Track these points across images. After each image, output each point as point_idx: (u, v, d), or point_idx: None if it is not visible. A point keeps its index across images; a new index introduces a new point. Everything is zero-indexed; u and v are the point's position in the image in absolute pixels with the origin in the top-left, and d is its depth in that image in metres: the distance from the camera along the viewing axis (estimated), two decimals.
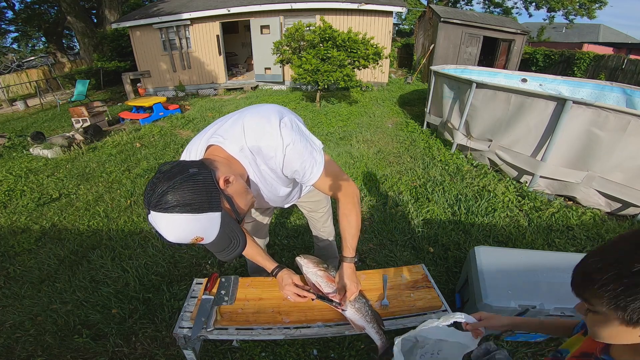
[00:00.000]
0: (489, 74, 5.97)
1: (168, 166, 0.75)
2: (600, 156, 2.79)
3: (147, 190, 0.72)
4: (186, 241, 0.75)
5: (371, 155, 4.24)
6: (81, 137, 5.03)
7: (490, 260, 1.71)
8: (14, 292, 2.07)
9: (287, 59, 6.61)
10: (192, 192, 0.72)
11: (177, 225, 0.71)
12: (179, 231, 0.72)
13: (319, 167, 0.97)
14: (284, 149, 0.88)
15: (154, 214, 0.70)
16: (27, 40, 21.29)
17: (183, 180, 0.71)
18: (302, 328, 1.18)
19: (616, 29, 21.15)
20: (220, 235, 0.77)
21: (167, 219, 0.70)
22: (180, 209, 0.70)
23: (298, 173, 0.96)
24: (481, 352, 0.95)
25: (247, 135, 0.88)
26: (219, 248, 0.81)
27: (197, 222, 0.72)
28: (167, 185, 0.70)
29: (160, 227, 0.71)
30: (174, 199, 0.70)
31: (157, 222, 0.71)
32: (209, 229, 0.75)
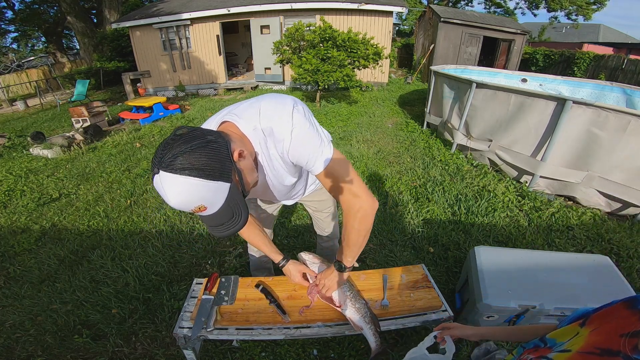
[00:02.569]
0: (489, 74, 5.97)
1: (185, 130, 0.73)
2: (600, 156, 2.79)
3: (159, 150, 0.70)
4: (188, 208, 0.72)
5: (371, 155, 4.24)
6: (81, 137, 5.03)
7: (490, 260, 1.71)
8: (14, 292, 2.07)
9: (287, 59, 6.61)
10: (207, 157, 0.70)
11: (185, 189, 0.69)
12: (185, 195, 0.69)
13: (324, 158, 0.93)
14: (291, 134, 0.88)
15: (163, 174, 0.68)
16: (26, 40, 21.28)
17: (200, 145, 0.70)
18: (302, 328, 1.18)
19: (616, 29, 21.15)
20: (224, 207, 0.76)
21: (175, 181, 0.68)
22: (192, 172, 0.68)
23: (303, 159, 0.93)
24: (481, 352, 0.95)
25: (262, 116, 0.88)
26: (219, 221, 0.79)
27: (206, 189, 0.71)
28: (184, 147, 0.68)
29: (166, 189, 0.68)
30: (187, 162, 0.68)
31: (165, 183, 0.68)
32: (215, 199, 0.74)
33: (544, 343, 0.71)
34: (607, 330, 0.58)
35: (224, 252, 2.40)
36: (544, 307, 1.47)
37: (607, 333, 0.57)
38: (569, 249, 2.45)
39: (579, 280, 1.58)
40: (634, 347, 0.53)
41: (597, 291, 1.53)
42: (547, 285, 1.56)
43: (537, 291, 1.53)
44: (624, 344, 0.54)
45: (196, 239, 2.57)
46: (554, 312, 1.49)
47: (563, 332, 0.68)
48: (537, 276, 1.61)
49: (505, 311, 1.51)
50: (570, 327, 0.67)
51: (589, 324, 0.62)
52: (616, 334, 0.55)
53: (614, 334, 0.56)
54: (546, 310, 1.48)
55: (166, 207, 3.00)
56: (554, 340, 0.69)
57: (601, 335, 0.59)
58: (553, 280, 1.58)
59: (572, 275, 1.61)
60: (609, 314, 0.60)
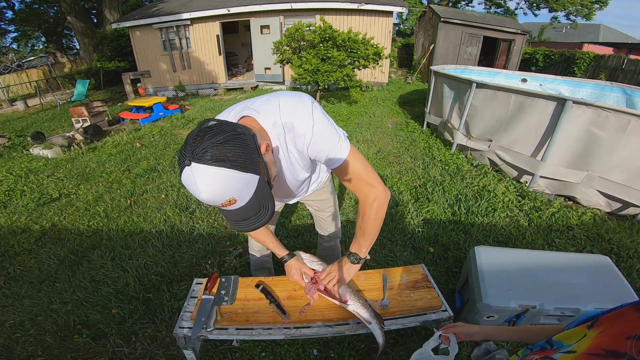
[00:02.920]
0: (489, 74, 5.97)
1: (213, 122, 0.73)
2: (600, 156, 2.79)
3: (189, 142, 0.69)
4: (219, 201, 0.71)
5: (371, 155, 4.24)
6: (81, 137, 5.03)
7: (490, 260, 1.71)
8: (14, 292, 2.07)
9: (287, 59, 6.61)
10: (239, 149, 0.70)
11: (219, 180, 0.68)
12: (217, 187, 0.68)
13: (343, 152, 0.97)
14: (313, 128, 0.90)
15: (195, 166, 0.67)
16: (26, 40, 21.27)
17: (231, 137, 0.70)
18: (302, 328, 1.18)
19: (616, 29, 21.15)
20: (252, 200, 0.75)
21: (208, 173, 0.67)
22: (225, 163, 0.67)
23: (323, 154, 0.96)
24: (481, 352, 0.95)
25: (282, 111, 0.89)
26: (246, 215, 0.78)
27: (238, 181, 0.70)
28: (215, 140, 0.68)
29: (197, 182, 0.67)
30: (220, 153, 0.67)
31: (197, 175, 0.67)
32: (245, 191, 0.73)
33: (550, 345, 0.71)
34: (615, 332, 0.58)
35: (224, 252, 2.40)
36: (544, 307, 1.47)
37: (614, 335, 0.57)
38: (569, 249, 2.45)
39: (579, 280, 1.58)
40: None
41: (597, 291, 1.53)
42: (547, 285, 1.56)
43: (537, 291, 1.53)
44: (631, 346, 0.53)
45: (196, 239, 2.57)
46: (554, 312, 1.49)
47: (570, 334, 0.68)
48: (537, 276, 1.61)
49: (505, 311, 1.51)
50: (578, 329, 0.66)
51: (597, 326, 0.62)
52: (623, 336, 0.55)
53: (621, 336, 0.55)
54: (546, 310, 1.48)
55: (166, 207, 3.00)
56: (560, 343, 0.68)
57: (608, 337, 0.59)
58: (553, 280, 1.58)
59: (572, 275, 1.61)
60: (618, 316, 0.59)
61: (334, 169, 1.02)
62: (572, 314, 1.49)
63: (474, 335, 0.90)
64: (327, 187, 1.49)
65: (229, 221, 0.83)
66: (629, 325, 0.56)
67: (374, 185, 1.03)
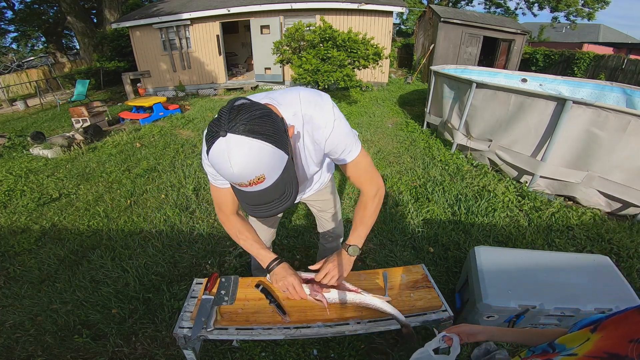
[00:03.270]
0: (489, 74, 5.98)
1: (244, 100, 0.73)
2: (600, 156, 2.79)
3: (224, 116, 0.68)
4: (249, 177, 0.69)
5: (371, 155, 4.23)
6: (81, 137, 5.03)
7: (490, 260, 1.71)
8: (14, 292, 2.07)
9: (287, 59, 6.61)
10: (273, 126, 0.71)
11: (253, 153, 0.67)
12: (251, 160, 0.67)
13: (357, 148, 1.04)
14: (334, 123, 0.93)
15: (231, 136, 0.66)
16: (26, 40, 21.27)
17: (265, 114, 0.71)
18: (302, 328, 1.18)
19: (616, 29, 21.15)
20: (279, 180, 0.74)
21: (244, 143, 0.66)
22: (262, 136, 0.67)
23: (339, 149, 0.99)
24: (481, 352, 0.94)
25: (303, 102, 0.91)
26: (269, 198, 0.76)
27: (271, 156, 0.69)
28: (250, 114, 0.68)
29: (232, 153, 0.66)
30: (257, 127, 0.67)
31: (231, 146, 0.66)
32: (275, 169, 0.72)
33: (552, 348, 0.71)
34: (617, 335, 0.58)
35: (224, 252, 2.40)
36: (544, 307, 1.47)
37: (617, 338, 0.57)
38: (569, 249, 2.45)
39: (579, 280, 1.58)
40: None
41: (597, 291, 1.53)
42: (547, 285, 1.56)
43: (537, 291, 1.53)
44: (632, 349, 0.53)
45: (196, 239, 2.57)
46: (554, 312, 1.49)
47: (573, 338, 0.67)
48: (537, 276, 1.61)
49: (505, 311, 1.51)
50: (581, 332, 0.66)
51: (601, 329, 0.62)
52: (626, 340, 0.55)
53: (624, 340, 0.55)
54: (546, 310, 1.48)
55: (166, 207, 3.00)
56: (563, 346, 0.68)
57: (610, 340, 0.59)
58: (553, 280, 1.58)
59: (572, 275, 1.61)
60: (622, 320, 0.59)
61: (343, 165, 1.06)
62: (572, 314, 1.49)
63: (477, 335, 0.90)
64: (329, 188, 1.50)
65: (248, 206, 0.81)
66: (633, 329, 0.55)
67: (377, 182, 1.12)
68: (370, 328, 1.19)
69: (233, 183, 0.74)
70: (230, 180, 0.72)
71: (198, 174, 3.73)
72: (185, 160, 4.17)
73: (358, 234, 1.17)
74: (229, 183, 0.81)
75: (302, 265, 2.25)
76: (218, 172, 0.73)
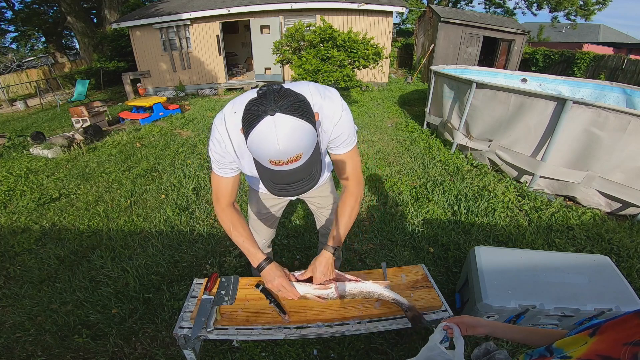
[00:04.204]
0: (489, 74, 5.97)
1: (279, 85, 0.78)
2: (600, 156, 2.79)
3: (269, 97, 0.73)
4: (292, 153, 0.74)
5: (371, 155, 4.24)
6: (81, 137, 5.03)
7: (490, 260, 1.71)
8: (14, 292, 2.07)
9: (287, 59, 6.61)
10: (309, 109, 0.77)
11: (299, 131, 0.73)
12: (296, 137, 0.73)
13: (355, 140, 1.10)
14: (342, 112, 0.99)
15: (280, 116, 0.71)
16: (26, 40, 21.25)
17: (303, 98, 0.77)
18: (302, 328, 1.18)
19: (616, 29, 21.14)
20: (309, 159, 0.80)
21: (292, 123, 0.72)
22: (305, 117, 0.74)
23: (342, 137, 1.04)
24: (481, 352, 0.94)
25: (313, 94, 0.96)
26: (299, 176, 0.82)
27: (310, 136, 0.76)
28: (294, 97, 0.74)
29: (279, 131, 0.71)
30: (300, 108, 0.73)
31: (280, 124, 0.71)
32: (309, 149, 0.78)
33: (550, 352, 0.70)
34: (613, 338, 0.57)
35: (224, 252, 2.40)
36: (544, 307, 1.47)
37: (612, 341, 0.57)
38: (569, 249, 2.45)
39: (579, 280, 1.58)
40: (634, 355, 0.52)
41: (597, 291, 1.53)
42: (547, 285, 1.56)
43: (537, 291, 1.53)
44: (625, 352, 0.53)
45: (196, 239, 2.57)
46: (554, 312, 1.49)
47: (571, 341, 0.67)
48: (537, 276, 1.61)
49: (505, 311, 1.51)
50: (580, 336, 0.66)
51: (599, 333, 0.61)
52: (620, 343, 0.55)
53: (619, 343, 0.55)
54: (546, 310, 1.48)
55: (166, 207, 3.00)
56: (560, 350, 0.68)
57: (605, 343, 0.59)
58: (553, 280, 1.58)
59: (572, 275, 1.61)
60: (620, 323, 0.59)
61: (338, 156, 1.11)
62: (572, 314, 1.49)
63: (478, 328, 0.89)
64: (328, 185, 1.52)
65: (277, 186, 0.85)
66: (629, 332, 0.55)
67: (362, 184, 1.19)
68: (370, 328, 1.20)
69: (271, 160, 0.76)
70: (270, 157, 0.75)
71: (198, 174, 3.73)
72: (185, 160, 4.17)
73: (341, 235, 1.21)
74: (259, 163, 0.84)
75: (302, 266, 2.25)
76: (256, 152, 0.76)
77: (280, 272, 1.20)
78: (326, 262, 1.21)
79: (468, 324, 0.89)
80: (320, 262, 1.22)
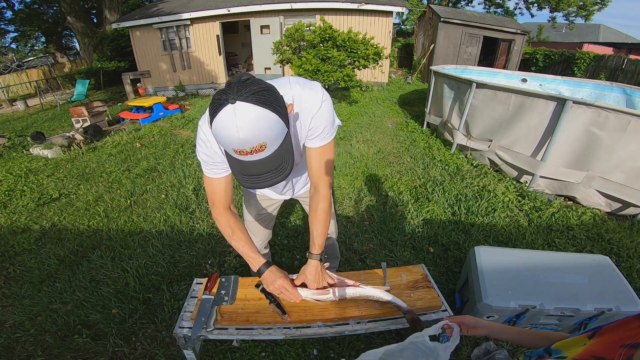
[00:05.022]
0: (489, 74, 5.98)
1: (248, 75, 0.78)
2: (600, 156, 2.79)
3: (233, 86, 0.73)
4: (253, 143, 0.74)
5: (371, 155, 4.24)
6: (81, 137, 5.03)
7: (490, 260, 1.71)
8: (14, 292, 2.07)
9: (287, 59, 6.61)
10: (275, 98, 0.76)
11: (260, 120, 0.72)
12: (258, 126, 0.72)
13: (333, 135, 1.07)
14: (322, 102, 0.97)
15: (240, 104, 0.71)
16: (26, 40, 21.25)
17: (269, 87, 0.76)
18: (302, 328, 1.18)
19: (616, 29, 21.15)
20: (277, 150, 0.79)
21: (252, 111, 0.71)
22: (268, 106, 0.73)
23: (319, 129, 1.01)
24: (481, 352, 0.94)
25: (293, 85, 0.95)
26: (267, 168, 0.81)
27: (274, 125, 0.75)
28: (257, 86, 0.73)
29: (239, 119, 0.71)
30: (264, 97, 0.73)
31: (240, 113, 0.71)
32: (276, 139, 0.77)
33: (548, 353, 0.70)
34: (611, 340, 0.58)
35: (224, 252, 2.40)
36: (544, 307, 1.47)
37: (609, 343, 0.57)
38: (569, 249, 2.45)
39: (579, 280, 1.58)
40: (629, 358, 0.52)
41: (597, 291, 1.53)
42: (547, 285, 1.56)
43: (537, 291, 1.53)
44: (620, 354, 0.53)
45: (196, 239, 2.57)
46: (554, 312, 1.49)
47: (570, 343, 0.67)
48: (537, 276, 1.61)
49: (505, 311, 1.51)
50: (579, 338, 0.66)
51: (598, 336, 0.61)
52: (618, 345, 0.55)
53: (616, 345, 0.55)
54: (546, 310, 1.48)
55: (166, 207, 3.00)
56: (559, 352, 0.68)
57: (603, 344, 0.59)
58: (553, 280, 1.58)
59: (572, 275, 1.61)
60: (620, 326, 0.59)
61: (312, 148, 1.06)
62: (572, 314, 1.49)
63: (479, 329, 0.89)
64: None
65: (244, 177, 0.84)
66: (628, 334, 0.55)
67: (331, 185, 1.15)
68: (370, 328, 1.20)
69: (235, 150, 0.76)
70: (233, 146, 0.75)
71: (198, 174, 3.73)
72: (185, 160, 4.17)
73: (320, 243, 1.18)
74: (227, 153, 0.83)
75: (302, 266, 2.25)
76: (219, 140, 0.76)
77: (281, 274, 1.21)
78: (315, 270, 1.21)
79: (469, 324, 0.89)
80: (310, 272, 1.22)
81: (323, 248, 1.20)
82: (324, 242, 1.19)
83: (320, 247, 1.19)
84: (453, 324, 0.89)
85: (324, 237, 1.19)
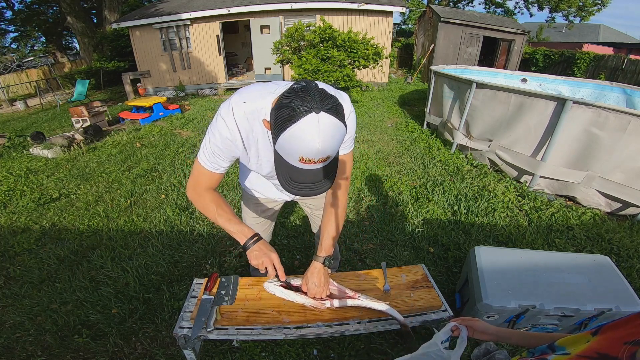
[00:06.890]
0: (489, 74, 5.97)
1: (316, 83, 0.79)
2: (600, 156, 2.79)
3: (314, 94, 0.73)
4: (327, 153, 0.74)
5: (371, 155, 4.24)
6: (81, 137, 5.03)
7: (490, 260, 1.71)
8: (14, 292, 2.07)
9: (287, 59, 6.61)
10: (344, 112, 0.79)
11: (337, 133, 0.74)
12: (335, 138, 0.74)
13: (353, 144, 1.11)
14: (350, 113, 1.01)
15: (324, 115, 0.71)
16: (26, 40, 21.25)
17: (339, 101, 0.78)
18: (302, 328, 1.18)
19: (616, 29, 21.15)
20: (332, 161, 0.81)
21: (334, 124, 0.72)
22: (342, 118, 0.75)
23: (346, 137, 1.04)
24: (481, 352, 0.94)
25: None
26: (321, 177, 0.81)
27: (342, 138, 0.76)
28: (334, 98, 0.75)
29: (321, 129, 0.71)
30: (340, 109, 0.76)
31: (323, 123, 0.71)
32: (337, 151, 0.79)
33: (552, 350, 0.71)
34: (614, 337, 0.58)
35: (224, 252, 2.40)
36: (544, 307, 1.47)
37: (613, 340, 0.57)
38: (569, 249, 2.45)
39: (579, 280, 1.58)
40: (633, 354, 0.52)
41: (597, 291, 1.53)
42: (547, 285, 1.56)
43: (537, 291, 1.53)
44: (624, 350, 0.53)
45: (196, 239, 2.57)
46: (554, 312, 1.49)
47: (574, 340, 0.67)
48: (537, 276, 1.61)
49: (505, 311, 1.51)
50: (582, 335, 0.66)
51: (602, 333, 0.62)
52: (621, 342, 0.55)
53: (619, 341, 0.55)
54: (546, 310, 1.48)
55: (166, 207, 3.00)
56: (563, 348, 0.68)
57: (606, 341, 0.59)
58: (553, 280, 1.58)
59: (572, 275, 1.61)
60: (623, 323, 0.59)
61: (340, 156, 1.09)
62: (572, 314, 1.49)
63: (486, 336, 0.89)
64: None
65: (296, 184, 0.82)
66: (631, 331, 0.55)
67: (347, 190, 1.19)
68: (370, 328, 1.20)
69: (302, 158, 0.74)
70: (304, 154, 0.73)
71: None
72: (185, 160, 4.17)
73: (330, 243, 1.18)
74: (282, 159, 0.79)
75: (303, 266, 2.25)
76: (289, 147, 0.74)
77: (271, 247, 1.10)
78: (318, 273, 1.20)
79: (477, 329, 0.89)
80: (312, 274, 1.21)
81: (330, 252, 1.20)
82: (332, 246, 1.20)
83: (327, 251, 1.19)
84: (461, 326, 0.88)
85: (334, 241, 1.20)
